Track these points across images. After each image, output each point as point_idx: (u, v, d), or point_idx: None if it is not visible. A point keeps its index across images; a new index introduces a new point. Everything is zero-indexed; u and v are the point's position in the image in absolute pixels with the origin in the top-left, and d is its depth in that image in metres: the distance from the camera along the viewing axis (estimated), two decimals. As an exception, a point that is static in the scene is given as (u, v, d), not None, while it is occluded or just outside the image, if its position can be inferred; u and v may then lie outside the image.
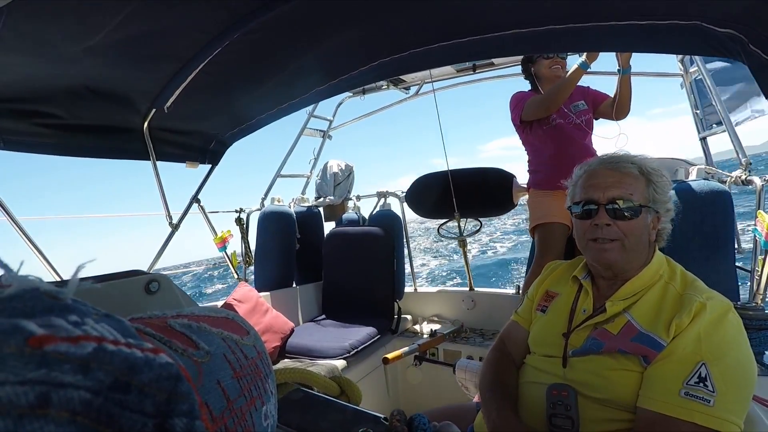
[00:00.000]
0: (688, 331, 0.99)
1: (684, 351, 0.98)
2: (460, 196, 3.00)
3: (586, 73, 2.40)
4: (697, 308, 1.01)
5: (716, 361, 0.95)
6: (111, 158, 2.05)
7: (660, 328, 1.04)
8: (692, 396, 0.93)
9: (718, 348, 0.97)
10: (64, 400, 0.24)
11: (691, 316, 1.00)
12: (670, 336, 1.01)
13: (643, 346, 1.03)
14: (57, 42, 1.24)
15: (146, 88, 1.70)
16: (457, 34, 1.49)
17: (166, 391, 0.30)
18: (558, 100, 2.45)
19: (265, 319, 2.84)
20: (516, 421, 1.15)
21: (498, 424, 1.16)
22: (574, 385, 1.11)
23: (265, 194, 3.92)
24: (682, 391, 0.94)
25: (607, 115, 2.57)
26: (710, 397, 0.91)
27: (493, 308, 3.17)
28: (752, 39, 1.10)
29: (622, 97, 2.44)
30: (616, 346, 1.07)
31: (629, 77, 2.39)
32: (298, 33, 1.46)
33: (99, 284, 0.77)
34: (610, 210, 1.14)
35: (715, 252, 1.86)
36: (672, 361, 0.99)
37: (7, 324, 0.25)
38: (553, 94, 2.45)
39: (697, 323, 0.99)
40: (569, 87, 2.40)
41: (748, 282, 2.08)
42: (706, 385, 0.93)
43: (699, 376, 0.94)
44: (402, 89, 4.07)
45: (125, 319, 0.33)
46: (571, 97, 2.58)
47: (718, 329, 0.99)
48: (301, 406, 0.95)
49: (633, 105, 2.45)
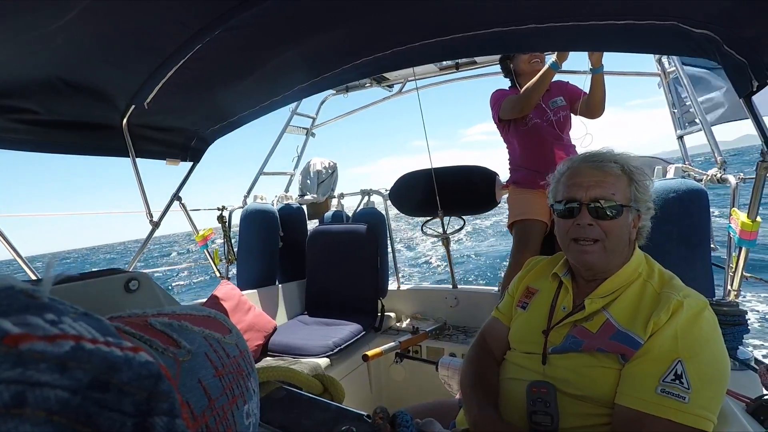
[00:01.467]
0: (665, 328, 1.01)
1: (661, 349, 1.00)
2: (444, 194, 3.01)
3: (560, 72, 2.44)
4: (674, 306, 1.02)
5: (692, 359, 0.97)
6: (89, 155, 2.01)
7: (638, 326, 1.05)
8: (668, 393, 0.94)
9: (693, 345, 0.98)
10: (40, 399, 0.24)
11: (669, 313, 1.02)
12: (648, 334, 1.02)
13: (621, 345, 1.05)
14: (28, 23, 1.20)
15: (125, 83, 1.67)
16: (440, 33, 1.49)
17: (146, 389, 0.30)
18: (530, 102, 2.49)
19: (247, 318, 2.82)
20: (496, 418, 1.16)
21: (479, 420, 1.17)
22: (553, 382, 1.12)
23: (248, 192, 3.89)
24: (659, 388, 0.96)
25: (582, 113, 2.60)
26: (685, 394, 0.93)
27: (476, 306, 3.19)
28: (727, 40, 1.12)
29: (595, 96, 2.46)
30: (595, 345, 1.09)
31: (602, 77, 2.41)
32: (281, 30, 1.45)
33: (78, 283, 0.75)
34: (592, 209, 1.15)
35: (692, 249, 1.89)
36: (649, 358, 1.00)
37: (-19, 323, 0.24)
38: (525, 96, 2.48)
39: (674, 321, 1.01)
40: (540, 88, 2.43)
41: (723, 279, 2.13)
42: (681, 382, 0.94)
43: (675, 373, 0.96)
44: (385, 87, 4.08)
45: (104, 318, 0.33)
46: (549, 92, 2.62)
47: (694, 327, 1.00)
48: (284, 405, 0.95)
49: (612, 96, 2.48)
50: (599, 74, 2.39)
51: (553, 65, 2.34)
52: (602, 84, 2.43)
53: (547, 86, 2.47)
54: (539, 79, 2.40)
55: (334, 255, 3.44)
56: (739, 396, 1.15)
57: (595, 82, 2.42)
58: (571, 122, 2.66)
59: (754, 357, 1.69)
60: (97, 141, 1.95)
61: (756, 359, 1.67)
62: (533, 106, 2.53)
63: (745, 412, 1.07)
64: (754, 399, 1.10)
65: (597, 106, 2.50)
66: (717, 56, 1.18)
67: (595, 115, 2.55)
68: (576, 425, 1.07)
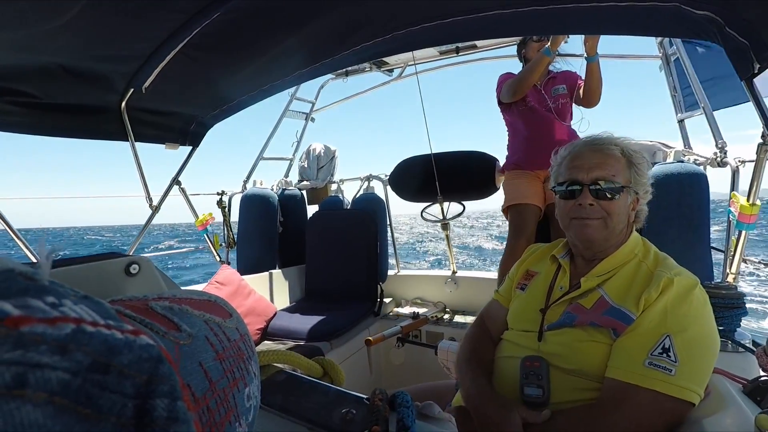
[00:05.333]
0: (655, 305, 1.04)
1: (650, 323, 1.02)
2: (444, 180, 3.01)
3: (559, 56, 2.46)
4: (665, 283, 1.05)
5: (680, 333, 0.99)
6: (87, 138, 2.00)
7: (630, 302, 1.08)
8: (655, 365, 0.97)
9: (682, 321, 1.01)
10: (41, 381, 0.24)
11: (659, 290, 1.05)
12: (640, 310, 1.05)
13: (613, 320, 1.07)
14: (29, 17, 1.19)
15: (123, 67, 1.65)
16: (440, 16, 1.47)
17: (146, 372, 0.30)
18: (522, 87, 2.54)
19: (247, 302, 2.83)
20: (489, 389, 1.18)
21: (472, 392, 1.20)
22: (547, 357, 1.15)
23: (248, 177, 3.88)
24: (646, 361, 0.98)
25: (578, 101, 2.63)
26: (672, 367, 0.96)
27: (476, 291, 3.21)
28: (729, 21, 1.11)
29: (591, 84, 2.48)
30: (589, 320, 1.11)
31: (597, 64, 2.42)
32: (280, 14, 1.44)
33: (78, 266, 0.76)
34: (593, 190, 1.18)
35: (691, 233, 1.89)
36: (638, 333, 1.03)
37: (-19, 305, 0.24)
38: (518, 80, 2.56)
39: (664, 297, 1.04)
40: (532, 74, 2.49)
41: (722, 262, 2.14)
42: (668, 356, 0.97)
43: (663, 347, 0.98)
44: (385, 71, 4.05)
45: (105, 301, 0.33)
46: (554, 80, 2.67)
47: (683, 303, 1.03)
48: (284, 388, 0.96)
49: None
50: (594, 63, 2.41)
51: (545, 51, 2.40)
52: (597, 72, 2.44)
53: (542, 72, 2.52)
54: (532, 65, 2.48)
55: (334, 240, 3.45)
56: (736, 377, 1.16)
57: (589, 70, 2.44)
58: (571, 110, 2.67)
59: (752, 339, 1.71)
60: (96, 125, 1.94)
61: (753, 341, 1.69)
62: (525, 90, 2.57)
63: (742, 393, 1.09)
64: (751, 380, 1.12)
65: (592, 95, 2.52)
66: (719, 38, 1.17)
67: (591, 104, 2.57)
68: (566, 399, 1.09)
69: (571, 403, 1.08)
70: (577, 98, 2.62)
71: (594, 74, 2.44)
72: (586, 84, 2.51)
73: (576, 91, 2.60)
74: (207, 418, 0.41)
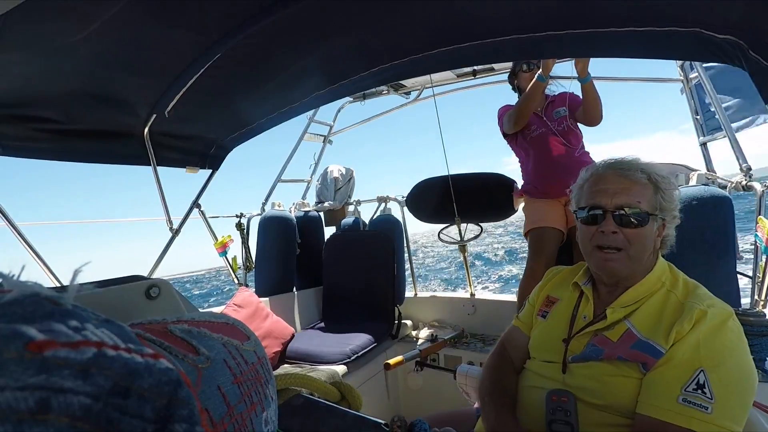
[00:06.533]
0: (687, 337, 0.99)
1: (683, 357, 0.97)
2: (461, 201, 3.00)
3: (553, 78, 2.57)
4: (698, 315, 1.00)
5: (715, 368, 0.94)
6: (111, 163, 2.05)
7: (659, 335, 1.03)
8: (690, 403, 0.92)
9: (717, 355, 0.96)
10: (64, 405, 0.24)
11: (692, 323, 1.00)
12: (670, 343, 1.00)
13: (642, 353, 1.03)
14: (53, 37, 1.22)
15: (147, 92, 1.70)
16: (457, 40, 1.49)
17: (166, 396, 0.30)
18: (522, 115, 2.57)
19: (265, 325, 2.83)
20: (514, 424, 1.14)
21: (496, 426, 1.16)
22: (573, 391, 1.10)
23: (266, 199, 3.91)
24: (680, 397, 0.94)
25: (580, 120, 2.63)
26: (708, 404, 0.91)
27: (494, 314, 3.17)
28: (752, 45, 1.10)
29: (589, 104, 2.48)
30: (616, 354, 1.07)
31: (591, 85, 2.43)
32: (299, 38, 1.47)
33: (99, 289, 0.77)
34: (617, 217, 1.13)
35: (716, 258, 1.85)
36: (670, 367, 0.98)
37: (7, 329, 0.25)
38: (516, 110, 2.59)
39: (697, 330, 0.99)
40: (529, 101, 2.52)
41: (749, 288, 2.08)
42: (704, 392, 0.92)
43: (697, 382, 0.93)
44: (402, 94, 4.08)
45: (125, 325, 0.33)
46: (553, 104, 2.69)
47: (717, 336, 0.98)
48: (302, 412, 0.95)
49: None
50: (587, 84, 2.41)
51: (539, 78, 2.44)
52: (592, 93, 2.44)
53: (539, 98, 2.55)
54: (528, 93, 2.51)
55: (351, 262, 3.45)
56: (766, 408, 1.12)
57: (584, 91, 2.45)
58: (578, 130, 2.67)
59: None
60: (119, 149, 1.99)
61: None
62: (526, 119, 2.60)
63: None
64: None
65: (590, 114, 2.52)
66: (742, 62, 1.15)
67: (592, 123, 2.56)
68: None
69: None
70: (579, 118, 2.62)
71: (589, 94, 2.44)
72: (584, 104, 2.51)
73: (577, 112, 2.61)
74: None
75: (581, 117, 2.59)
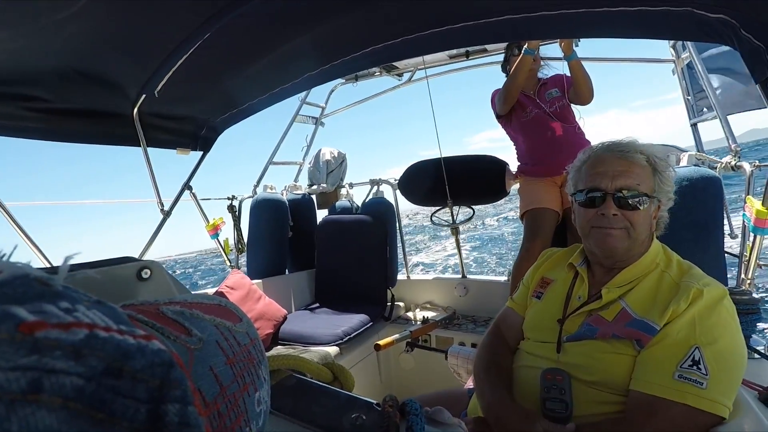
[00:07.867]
0: (683, 316, 1.01)
1: (678, 335, 0.99)
2: (453, 184, 3.00)
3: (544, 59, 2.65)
4: (694, 294, 1.02)
5: (710, 345, 0.96)
6: (100, 144, 2.02)
7: (654, 313, 1.05)
8: (685, 378, 0.94)
9: (711, 332, 0.98)
10: (56, 386, 0.24)
11: (689, 301, 1.02)
12: (665, 320, 1.02)
13: (636, 331, 1.05)
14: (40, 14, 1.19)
15: (136, 72, 1.67)
16: (450, 21, 1.47)
17: (158, 377, 0.30)
18: (512, 89, 2.59)
19: (257, 307, 2.84)
20: (509, 400, 1.16)
21: (491, 402, 1.18)
22: (567, 369, 1.12)
23: (258, 182, 3.90)
24: (676, 373, 0.96)
25: (572, 100, 2.65)
26: (703, 380, 0.93)
27: (486, 295, 3.19)
28: (744, 24, 1.10)
29: (577, 82, 2.50)
30: (610, 332, 1.08)
31: (578, 63, 2.46)
32: (290, 17, 1.45)
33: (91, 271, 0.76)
34: (617, 199, 1.14)
35: (705, 237, 1.87)
36: (666, 344, 1.00)
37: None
38: (505, 87, 2.62)
39: (693, 308, 1.01)
40: (518, 73, 2.54)
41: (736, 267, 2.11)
42: (699, 368, 0.94)
43: (693, 359, 0.96)
44: (395, 76, 4.04)
45: (117, 306, 0.33)
46: (546, 85, 2.71)
47: (712, 314, 1.00)
48: (294, 393, 0.96)
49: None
50: (574, 61, 2.44)
51: (526, 51, 2.47)
52: (580, 70, 2.47)
53: (526, 71, 2.56)
54: (515, 67, 2.53)
55: (344, 244, 3.45)
56: (752, 384, 1.15)
57: (572, 68, 2.48)
58: (572, 111, 2.68)
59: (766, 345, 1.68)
60: (108, 130, 1.96)
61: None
62: (515, 95, 2.62)
63: (758, 400, 1.07)
64: (767, 387, 1.10)
65: (580, 92, 2.54)
66: (734, 41, 1.15)
67: (584, 101, 2.59)
68: (589, 412, 1.06)
69: (593, 416, 1.06)
70: (571, 98, 2.64)
71: (577, 71, 2.47)
72: (573, 82, 2.53)
73: (569, 91, 2.63)
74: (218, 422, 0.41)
75: (573, 96, 2.61)
